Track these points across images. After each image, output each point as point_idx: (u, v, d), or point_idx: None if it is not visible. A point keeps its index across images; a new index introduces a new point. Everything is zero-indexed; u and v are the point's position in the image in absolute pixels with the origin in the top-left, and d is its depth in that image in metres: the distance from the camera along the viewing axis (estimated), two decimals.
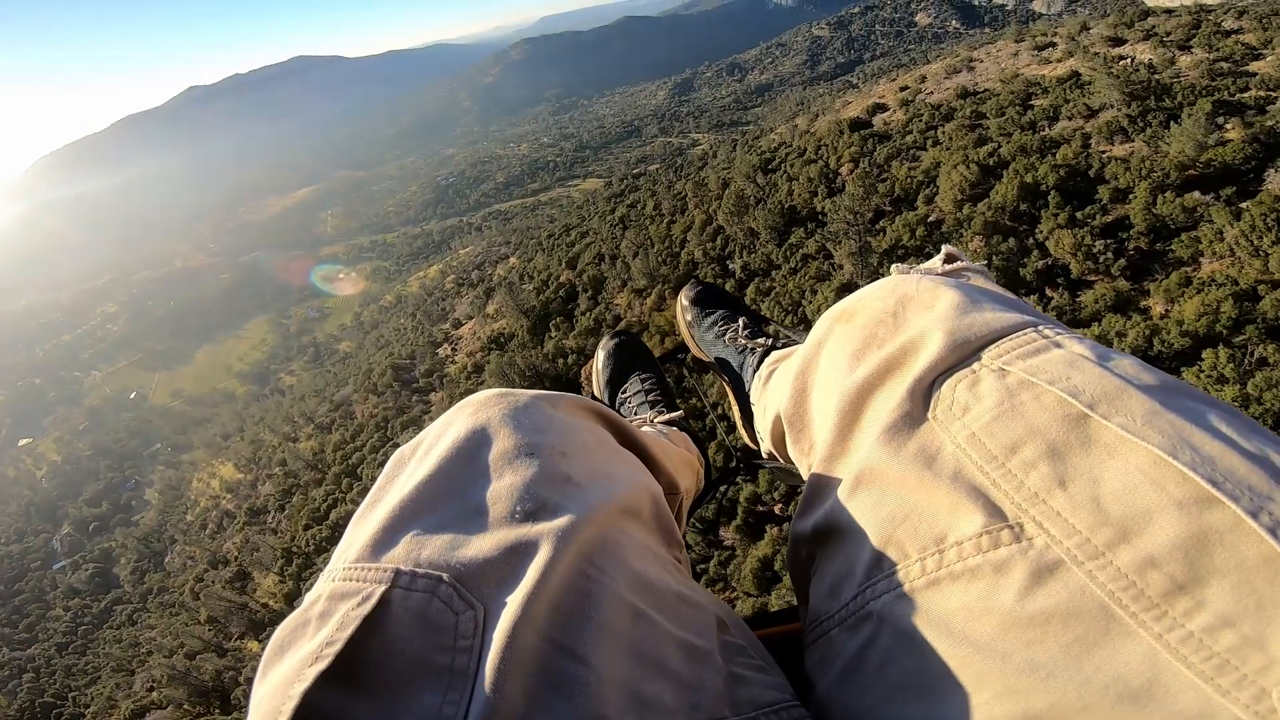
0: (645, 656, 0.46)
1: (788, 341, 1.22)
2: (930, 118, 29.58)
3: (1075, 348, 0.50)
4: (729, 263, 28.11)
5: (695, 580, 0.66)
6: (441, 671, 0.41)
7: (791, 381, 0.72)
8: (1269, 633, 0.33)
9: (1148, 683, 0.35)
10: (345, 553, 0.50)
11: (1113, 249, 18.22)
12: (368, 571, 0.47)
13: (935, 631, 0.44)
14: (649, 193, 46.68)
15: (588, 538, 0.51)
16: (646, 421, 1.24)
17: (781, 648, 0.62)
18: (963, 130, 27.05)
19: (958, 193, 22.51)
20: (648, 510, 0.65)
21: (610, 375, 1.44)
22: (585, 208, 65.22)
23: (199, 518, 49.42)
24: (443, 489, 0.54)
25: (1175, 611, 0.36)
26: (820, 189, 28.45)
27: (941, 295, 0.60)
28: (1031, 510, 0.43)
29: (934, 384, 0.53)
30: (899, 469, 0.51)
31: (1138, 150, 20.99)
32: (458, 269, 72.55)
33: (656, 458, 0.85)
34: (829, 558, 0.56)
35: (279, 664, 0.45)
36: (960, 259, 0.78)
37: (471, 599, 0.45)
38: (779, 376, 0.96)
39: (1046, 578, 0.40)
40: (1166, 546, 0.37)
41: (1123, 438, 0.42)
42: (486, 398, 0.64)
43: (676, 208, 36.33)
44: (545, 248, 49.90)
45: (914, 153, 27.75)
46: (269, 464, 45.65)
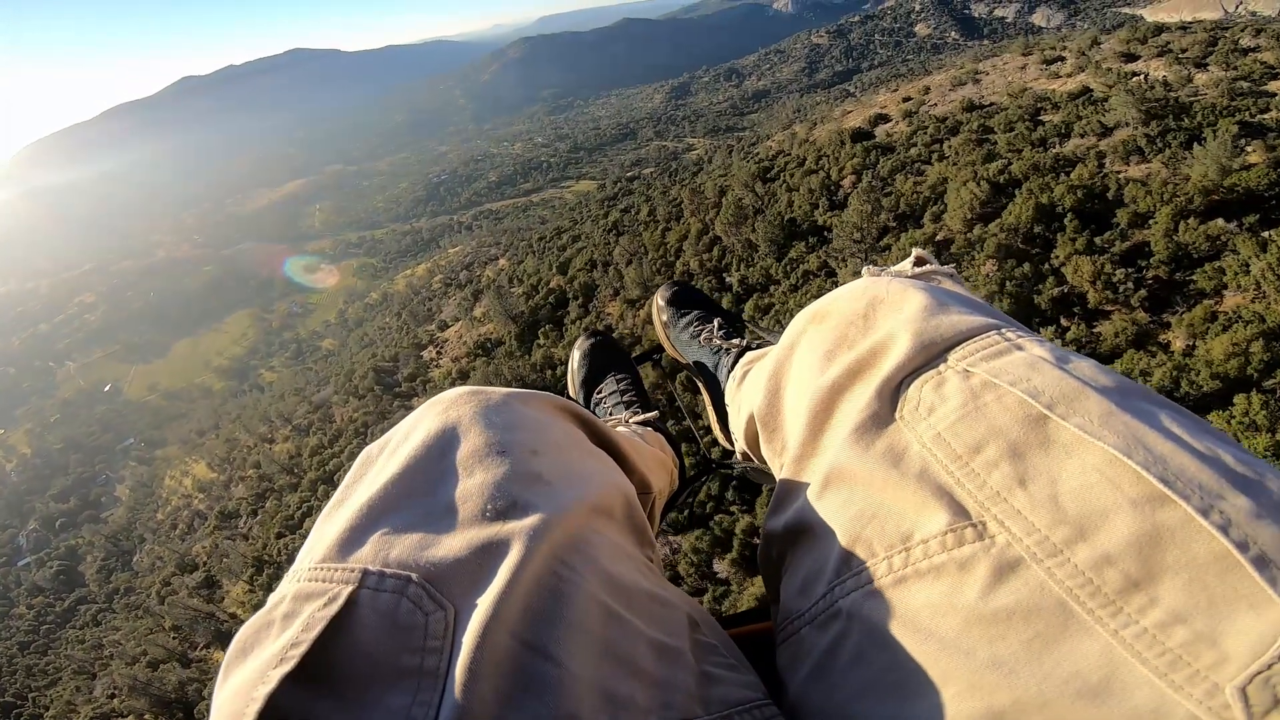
0: (617, 656, 0.46)
1: (762, 342, 1.23)
2: (935, 130, 28.58)
3: (1036, 350, 0.52)
4: (726, 275, 27.03)
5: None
6: (411, 672, 0.41)
7: (765, 382, 0.73)
8: (1220, 628, 0.34)
9: (1105, 678, 0.36)
10: (310, 553, 0.50)
11: (1133, 279, 17.21)
12: (334, 572, 0.46)
13: (903, 629, 0.45)
14: (643, 198, 45.58)
15: (559, 537, 0.51)
16: (621, 422, 1.24)
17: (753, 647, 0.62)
18: (970, 145, 26.08)
19: (967, 211, 21.43)
20: (620, 509, 0.65)
21: (585, 375, 1.43)
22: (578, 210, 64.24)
23: (169, 517, 48.22)
24: (412, 487, 0.53)
25: (1130, 608, 0.36)
26: (822, 201, 27.41)
27: (910, 297, 0.61)
28: (993, 509, 0.44)
29: (901, 385, 0.54)
30: (867, 468, 0.52)
31: (1156, 172, 20.01)
32: (446, 269, 71.58)
33: (629, 457, 0.86)
34: (799, 556, 0.57)
35: (241, 666, 0.44)
36: (930, 262, 0.79)
37: (442, 599, 0.44)
38: (753, 377, 0.96)
39: (1008, 575, 0.41)
40: (1121, 544, 0.38)
41: (1080, 438, 0.43)
42: (457, 395, 0.64)
43: (671, 214, 35.23)
44: (536, 250, 48.76)
45: (919, 166, 26.72)
46: (243, 465, 44.35)
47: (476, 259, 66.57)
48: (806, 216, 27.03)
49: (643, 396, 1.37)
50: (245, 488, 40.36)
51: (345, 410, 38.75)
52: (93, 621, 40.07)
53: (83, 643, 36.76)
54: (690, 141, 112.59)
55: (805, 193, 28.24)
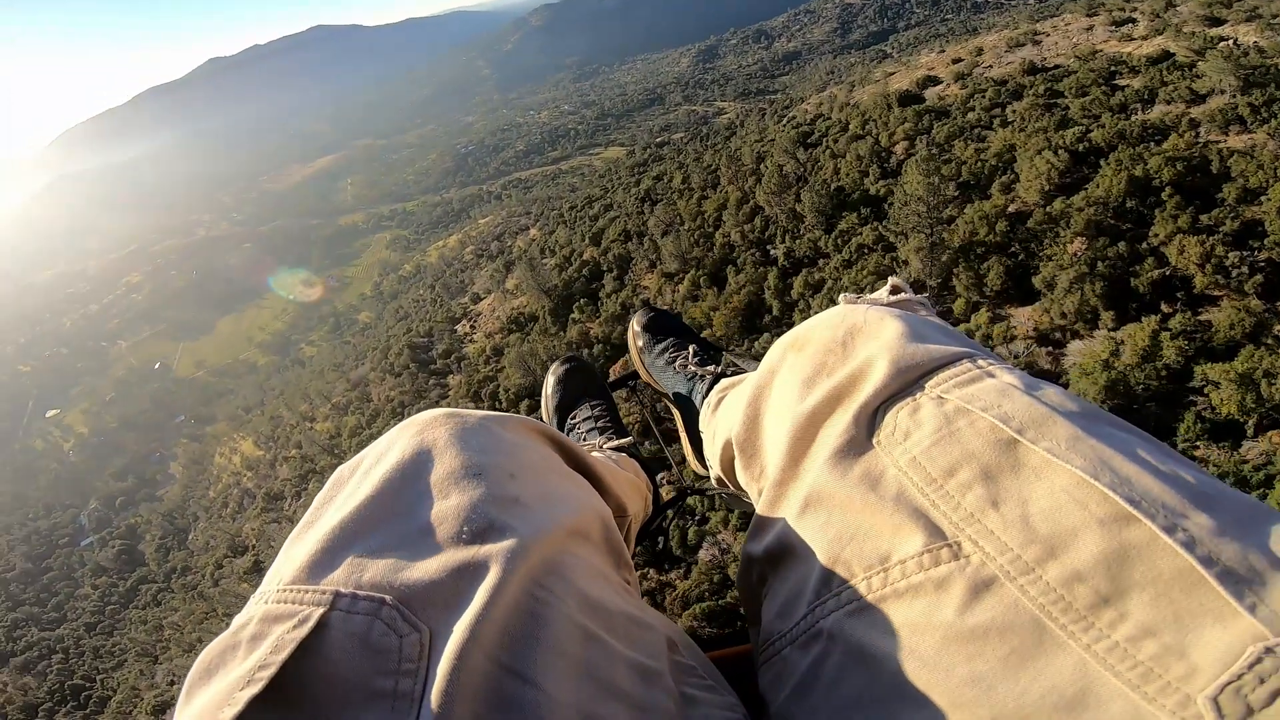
0: (596, 678, 0.46)
1: (736, 370, 1.25)
2: (995, 94, 26.79)
3: (1006, 378, 0.54)
4: (770, 248, 25.72)
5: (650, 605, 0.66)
6: (384, 695, 0.40)
7: (744, 408, 0.73)
8: (1188, 641, 0.35)
9: (1080, 692, 0.37)
10: (279, 574, 0.49)
11: (1247, 262, 15.74)
12: (304, 594, 0.45)
13: (882, 647, 0.46)
14: (676, 164, 44.25)
15: (537, 559, 0.51)
16: (596, 448, 1.24)
17: (733, 669, 0.63)
18: (1037, 110, 24.28)
19: (1044, 182, 19.54)
20: (597, 532, 0.65)
21: (559, 401, 1.43)
22: (608, 177, 63.18)
23: (220, 495, 49.48)
24: (386, 509, 0.52)
25: (1101, 623, 0.38)
26: (872, 169, 25.82)
27: (888, 325, 0.62)
28: (968, 529, 0.45)
29: (879, 410, 0.56)
30: (845, 491, 0.53)
31: (1262, 144, 18.34)
32: (477, 239, 71.49)
33: (605, 480, 0.86)
34: (780, 578, 0.58)
35: (205, 688, 0.43)
36: (904, 290, 0.80)
37: (417, 621, 0.44)
38: (729, 403, 0.97)
39: (983, 593, 0.42)
40: (1090, 562, 0.39)
41: (1049, 461, 0.45)
42: (432, 417, 0.63)
43: (707, 182, 34.03)
44: (567, 220, 48.09)
45: (980, 132, 25.01)
46: (286, 443, 45.27)
47: (507, 229, 66.14)
48: (856, 185, 25.58)
49: (617, 423, 1.38)
50: (289, 468, 41.08)
51: (382, 389, 39.08)
52: (153, 602, 41.45)
53: (145, 624, 38.13)
54: (720, 105, 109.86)
55: (853, 159, 26.70)
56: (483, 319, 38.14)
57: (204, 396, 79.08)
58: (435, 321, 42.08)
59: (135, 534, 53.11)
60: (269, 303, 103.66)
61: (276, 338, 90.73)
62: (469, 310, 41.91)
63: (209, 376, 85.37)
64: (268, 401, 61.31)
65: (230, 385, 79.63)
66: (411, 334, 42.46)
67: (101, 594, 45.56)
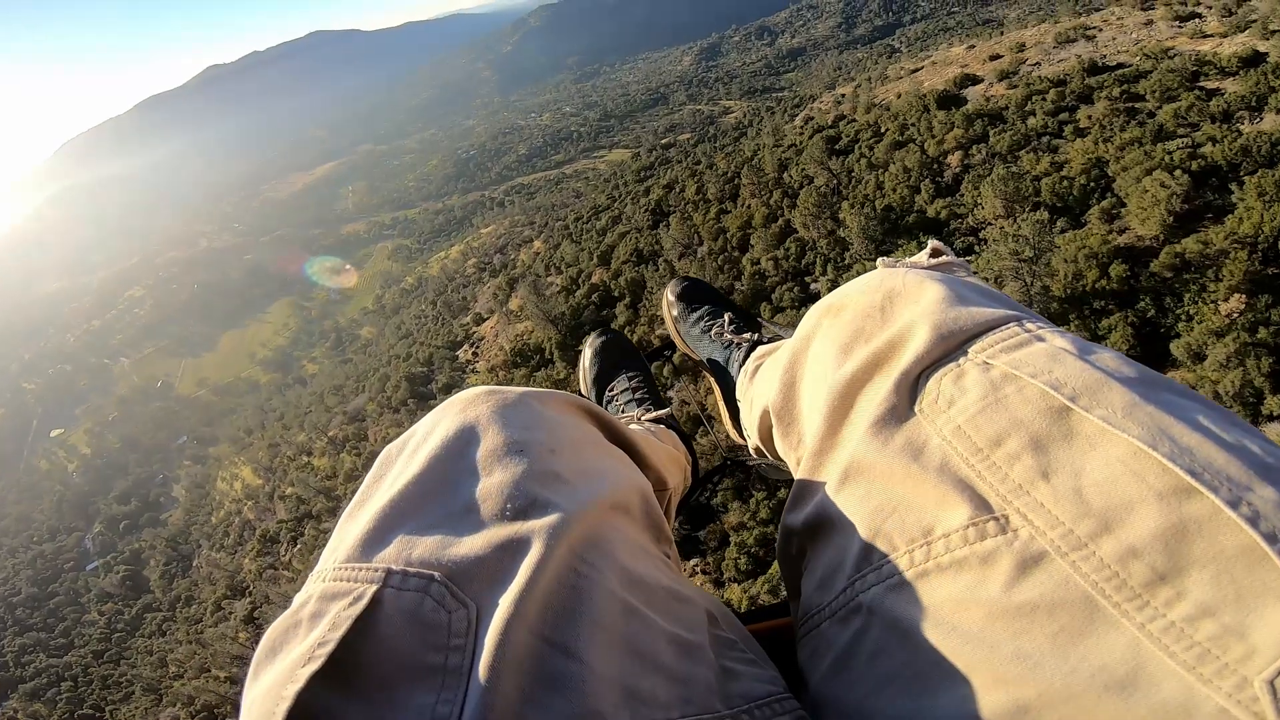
0: (637, 652, 0.46)
1: (773, 337, 1.24)
2: (1057, 96, 23.62)
3: (1058, 341, 0.51)
4: (810, 280, 22.83)
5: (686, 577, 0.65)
6: (435, 670, 0.41)
7: (780, 376, 0.73)
8: (1249, 622, 0.34)
9: (1132, 672, 0.36)
10: (334, 552, 0.50)
11: None
12: (359, 571, 0.47)
13: (924, 623, 0.45)
14: (688, 171, 41.81)
15: (578, 534, 0.51)
16: (634, 419, 1.25)
17: (773, 642, 0.62)
18: (1117, 116, 20.80)
19: (1164, 212, 15.60)
20: (637, 506, 0.65)
21: (597, 373, 1.43)
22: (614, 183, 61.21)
23: (222, 522, 48.88)
24: (432, 487, 0.54)
25: (1157, 601, 0.36)
26: (924, 184, 22.30)
27: (928, 289, 0.60)
28: (1016, 502, 0.44)
29: (920, 377, 0.54)
30: (886, 462, 0.52)
31: None
32: (479, 251, 70.18)
33: (644, 454, 0.86)
34: (819, 551, 0.57)
35: (271, 666, 0.44)
36: (946, 253, 0.77)
37: (464, 597, 0.45)
38: (766, 371, 0.96)
39: (1032, 569, 0.41)
40: (1147, 537, 0.38)
41: (1104, 430, 0.43)
42: (475, 395, 0.64)
43: (724, 192, 31.62)
44: (573, 233, 46.01)
45: (1049, 141, 21.59)
46: (284, 477, 44.35)
47: (510, 241, 64.67)
48: (904, 202, 22.15)
49: (654, 394, 1.37)
50: (285, 508, 40.18)
51: (379, 428, 37.99)
52: (159, 631, 40.93)
53: (151, 654, 37.62)
54: (726, 104, 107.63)
55: (899, 172, 23.38)
56: (486, 345, 36.18)
57: (206, 416, 78.13)
58: (435, 347, 40.20)
59: (140, 559, 52.66)
60: (271, 316, 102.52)
61: (278, 354, 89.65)
62: (471, 333, 40.03)
63: (211, 395, 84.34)
64: (268, 424, 60.28)
65: (232, 404, 78.74)
66: (411, 361, 40.62)
67: (108, 620, 45.28)
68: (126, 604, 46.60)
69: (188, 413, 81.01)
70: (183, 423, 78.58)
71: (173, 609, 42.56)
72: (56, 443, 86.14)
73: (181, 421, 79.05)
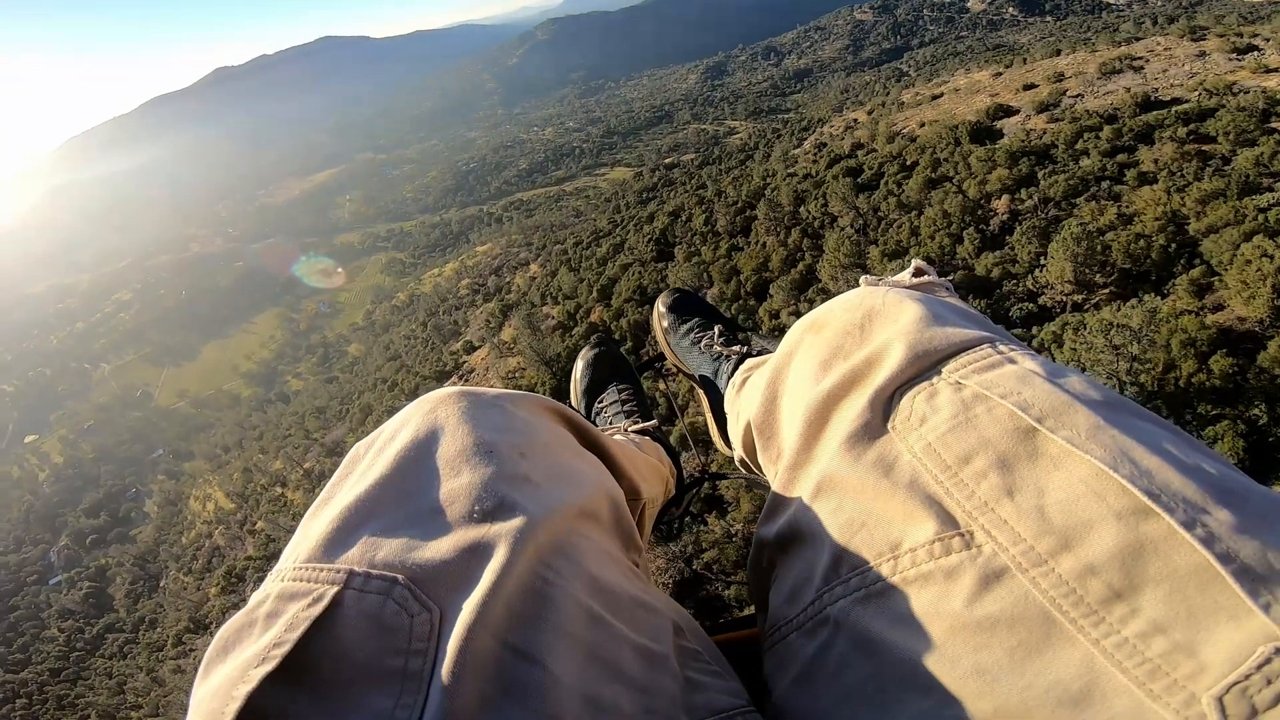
0: (601, 660, 0.46)
1: (762, 350, 1.24)
2: (1112, 135, 21.17)
3: (1028, 364, 0.52)
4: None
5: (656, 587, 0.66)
6: (395, 674, 0.41)
7: (763, 390, 0.73)
8: (1199, 639, 0.34)
9: (1085, 687, 0.36)
10: (295, 552, 0.49)
11: None
12: (319, 572, 0.46)
13: (889, 636, 0.45)
14: (694, 197, 39.63)
15: (545, 540, 0.51)
16: (620, 430, 1.27)
17: (738, 654, 0.62)
18: (1188, 160, 18.19)
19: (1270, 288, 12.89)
20: (607, 513, 0.65)
21: (588, 385, 1.44)
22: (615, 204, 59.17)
23: (192, 544, 47.01)
24: (399, 487, 0.53)
25: (1112, 618, 0.37)
26: (966, 232, 19.39)
27: (906, 309, 0.61)
28: (981, 518, 0.44)
29: (894, 395, 0.55)
30: (858, 477, 0.52)
31: None
32: (474, 270, 68.08)
33: (618, 461, 0.86)
34: (789, 564, 0.58)
35: (222, 665, 0.43)
36: (928, 272, 0.78)
37: (427, 601, 0.44)
38: (751, 384, 0.97)
39: (993, 584, 0.42)
40: (1105, 555, 0.38)
41: (1068, 450, 0.43)
42: (445, 395, 0.63)
43: (736, 225, 29.38)
44: (571, 260, 43.79)
45: (1109, 187, 18.98)
46: (256, 507, 42.19)
47: (505, 262, 62.69)
48: (944, 253, 19.42)
49: (643, 406, 1.38)
50: (254, 544, 38.16)
51: None
52: (119, 654, 39.25)
53: (110, 677, 36.09)
54: (731, 124, 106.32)
55: (937, 216, 20.59)
56: (475, 379, 33.77)
57: (184, 429, 75.57)
58: (423, 377, 37.81)
59: (105, 576, 50.83)
60: (257, 327, 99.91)
61: (263, 367, 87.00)
62: (461, 362, 37.71)
63: (190, 407, 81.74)
64: (246, 443, 57.78)
65: (211, 418, 76.25)
66: (397, 392, 38.22)
67: (68, 638, 43.42)
68: (88, 622, 44.91)
69: (165, 424, 78.66)
70: (160, 435, 76.27)
71: (135, 630, 40.94)
72: (30, 449, 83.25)
73: (159, 433, 76.74)
